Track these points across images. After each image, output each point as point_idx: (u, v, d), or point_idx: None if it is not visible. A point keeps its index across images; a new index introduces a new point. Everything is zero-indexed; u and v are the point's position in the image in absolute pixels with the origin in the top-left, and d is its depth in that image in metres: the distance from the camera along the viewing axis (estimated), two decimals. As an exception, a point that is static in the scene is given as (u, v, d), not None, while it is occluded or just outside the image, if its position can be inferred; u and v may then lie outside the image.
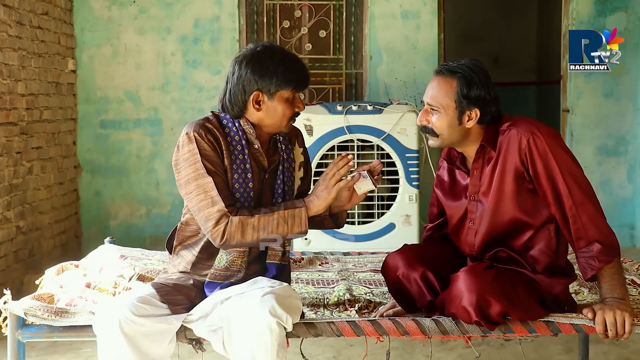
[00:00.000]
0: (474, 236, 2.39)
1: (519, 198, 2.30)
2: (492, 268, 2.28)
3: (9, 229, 4.45)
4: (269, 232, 2.25)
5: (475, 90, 2.29)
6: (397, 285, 2.45)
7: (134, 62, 5.66)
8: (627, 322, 2.20)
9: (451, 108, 2.30)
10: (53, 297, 2.46)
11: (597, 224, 2.25)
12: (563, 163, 2.26)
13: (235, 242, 2.25)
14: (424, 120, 2.35)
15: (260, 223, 2.24)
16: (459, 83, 2.29)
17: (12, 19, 4.55)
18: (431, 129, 2.34)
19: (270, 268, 2.40)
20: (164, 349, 2.19)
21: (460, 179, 2.45)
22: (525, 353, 3.26)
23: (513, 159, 2.28)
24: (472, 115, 2.31)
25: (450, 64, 2.34)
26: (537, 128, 2.28)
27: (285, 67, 2.29)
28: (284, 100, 2.31)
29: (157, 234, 5.50)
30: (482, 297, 2.18)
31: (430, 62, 5.69)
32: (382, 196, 4.74)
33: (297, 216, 2.26)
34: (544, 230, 2.33)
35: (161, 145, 5.64)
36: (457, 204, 2.44)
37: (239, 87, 2.32)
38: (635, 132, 5.74)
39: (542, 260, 2.33)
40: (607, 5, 5.66)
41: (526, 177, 2.28)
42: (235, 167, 2.31)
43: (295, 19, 5.75)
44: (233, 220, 2.23)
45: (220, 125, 2.34)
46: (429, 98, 2.34)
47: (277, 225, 2.25)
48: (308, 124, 4.62)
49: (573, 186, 2.25)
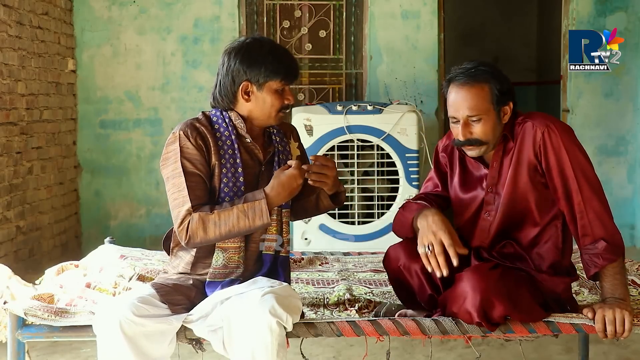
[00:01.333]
0: (488, 228, 2.39)
1: (531, 191, 2.32)
2: (498, 268, 2.28)
3: (9, 229, 4.45)
4: (230, 226, 2.24)
5: (505, 84, 2.31)
6: (398, 277, 2.45)
7: (134, 62, 5.66)
8: (626, 320, 2.20)
9: (491, 111, 2.30)
10: (53, 297, 2.45)
11: (604, 222, 2.26)
12: (575, 159, 2.28)
13: (199, 240, 2.25)
14: (468, 134, 2.30)
15: (220, 218, 2.24)
16: (491, 85, 2.29)
17: (12, 19, 4.55)
18: (476, 139, 2.30)
19: (265, 260, 2.39)
20: (164, 349, 2.19)
21: (474, 170, 2.44)
22: (525, 353, 3.25)
23: (527, 150, 2.30)
24: (506, 110, 2.33)
25: (467, 73, 2.30)
26: (552, 122, 2.30)
27: (273, 57, 2.31)
28: (272, 92, 2.32)
29: (157, 234, 5.51)
30: (486, 297, 2.18)
31: (430, 62, 5.70)
32: (382, 196, 4.74)
33: (257, 208, 2.25)
34: (551, 226, 2.34)
35: (161, 146, 5.53)
36: (470, 195, 2.43)
37: (229, 78, 2.33)
38: (635, 132, 5.74)
39: (547, 257, 2.34)
40: (607, 5, 5.66)
41: (539, 170, 2.30)
42: (224, 162, 2.32)
43: (295, 19, 5.76)
44: (194, 217, 2.23)
45: (209, 124, 2.35)
46: (467, 111, 2.28)
47: (238, 219, 2.24)
48: (308, 124, 4.62)
49: (583, 183, 2.27)
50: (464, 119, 2.30)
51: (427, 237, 2.26)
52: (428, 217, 2.29)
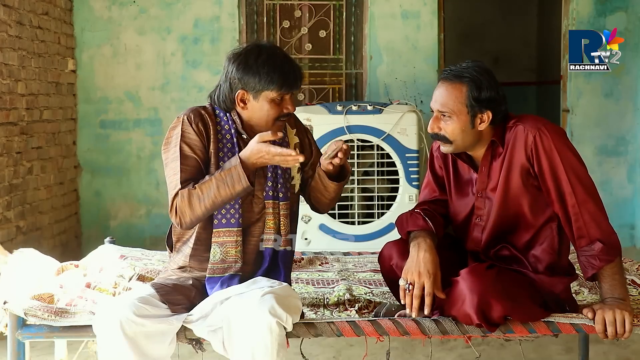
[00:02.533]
0: (481, 232, 2.39)
1: (524, 194, 2.31)
2: (494, 268, 2.28)
3: (9, 229, 4.45)
4: (212, 197, 2.23)
5: (486, 93, 2.28)
6: (391, 275, 2.46)
7: (134, 62, 5.66)
8: (627, 321, 2.20)
9: (463, 113, 2.29)
10: (53, 297, 2.45)
11: (599, 223, 2.25)
12: (568, 161, 2.26)
13: (188, 218, 2.25)
14: (435, 128, 2.32)
15: (203, 191, 2.24)
16: (468, 88, 2.27)
17: (12, 19, 4.55)
18: (443, 136, 2.32)
19: (265, 255, 2.39)
20: (164, 349, 2.19)
21: (464, 173, 2.44)
22: (525, 353, 3.26)
23: (519, 154, 2.29)
24: (484, 118, 2.30)
25: (455, 69, 2.31)
26: (544, 125, 2.29)
27: (268, 67, 2.28)
28: (269, 101, 2.31)
29: (157, 234, 5.51)
30: (483, 298, 2.18)
31: (430, 62, 5.70)
32: (382, 196, 4.74)
33: (234, 174, 2.23)
34: (546, 228, 2.34)
35: (161, 145, 5.62)
36: (462, 201, 2.43)
37: (227, 85, 2.35)
38: (635, 132, 5.74)
39: (544, 259, 2.34)
40: (607, 5, 5.66)
41: (531, 174, 2.29)
42: (222, 154, 2.33)
43: (295, 19, 5.75)
44: (179, 194, 2.24)
45: (213, 113, 2.37)
46: (438, 105, 2.31)
47: (218, 188, 2.23)
48: (308, 124, 4.62)
49: (576, 185, 2.26)
50: (436, 112, 2.32)
51: (411, 274, 2.27)
52: (420, 251, 2.29)
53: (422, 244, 2.30)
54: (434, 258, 2.28)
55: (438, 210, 2.49)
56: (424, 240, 2.32)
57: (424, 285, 2.24)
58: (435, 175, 2.54)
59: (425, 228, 2.37)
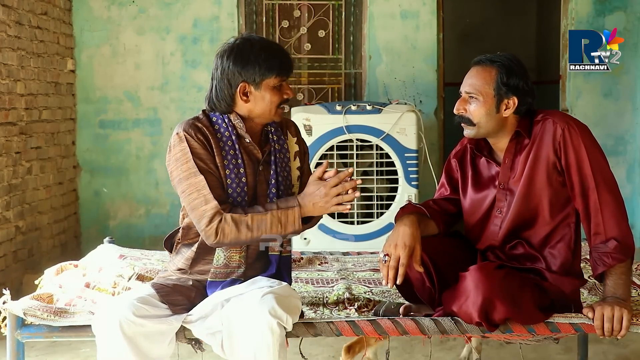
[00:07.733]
0: (500, 225, 2.39)
1: (547, 189, 2.32)
2: (503, 269, 2.27)
3: (8, 229, 4.45)
4: (262, 231, 2.24)
5: (514, 79, 2.31)
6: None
7: (133, 62, 5.66)
8: (624, 318, 2.20)
9: (490, 96, 2.32)
10: (52, 297, 2.46)
11: (617, 221, 2.27)
12: (594, 158, 2.29)
13: (229, 241, 2.24)
14: (462, 109, 2.36)
15: (254, 222, 2.24)
16: (498, 71, 2.32)
17: (11, 18, 4.55)
18: (468, 118, 2.35)
19: (272, 261, 2.39)
20: (163, 349, 2.19)
21: (485, 170, 2.45)
22: (525, 353, 3.26)
23: (547, 147, 2.30)
24: (509, 104, 2.33)
25: (489, 55, 2.36)
26: (572, 120, 2.33)
27: (266, 54, 2.30)
28: (270, 88, 2.32)
29: (156, 234, 5.50)
30: (488, 298, 2.17)
31: (429, 62, 5.70)
32: (381, 196, 4.74)
33: (290, 216, 2.25)
34: (563, 226, 2.35)
35: (160, 145, 5.63)
36: (481, 194, 2.43)
37: (224, 82, 2.33)
38: (634, 132, 5.74)
39: (559, 256, 2.34)
40: (607, 5, 5.67)
41: (557, 168, 2.30)
42: (227, 163, 2.31)
43: (294, 18, 5.76)
44: (227, 218, 2.22)
45: (210, 124, 2.34)
46: (467, 86, 2.35)
47: (271, 224, 2.24)
48: (307, 123, 4.62)
49: (600, 182, 2.28)
50: (464, 94, 2.36)
51: (389, 246, 2.30)
52: (401, 226, 2.33)
53: (405, 219, 2.34)
54: (414, 232, 2.31)
55: (442, 205, 2.50)
56: (407, 216, 2.36)
57: (398, 258, 2.26)
58: (449, 177, 2.55)
59: (414, 211, 2.40)
